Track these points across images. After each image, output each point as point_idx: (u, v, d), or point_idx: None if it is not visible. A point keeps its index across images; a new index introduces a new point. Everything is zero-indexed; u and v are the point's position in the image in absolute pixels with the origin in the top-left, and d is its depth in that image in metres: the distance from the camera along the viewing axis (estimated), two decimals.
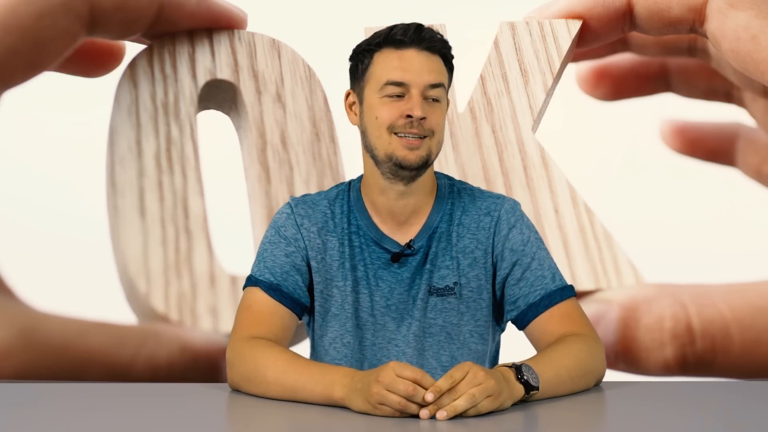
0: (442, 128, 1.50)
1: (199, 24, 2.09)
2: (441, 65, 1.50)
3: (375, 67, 1.49)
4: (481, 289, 1.53)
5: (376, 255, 1.53)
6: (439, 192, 1.56)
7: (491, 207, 1.55)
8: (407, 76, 1.47)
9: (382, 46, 1.49)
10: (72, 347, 1.92)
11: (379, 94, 1.48)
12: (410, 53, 1.48)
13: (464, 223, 1.54)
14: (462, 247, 1.53)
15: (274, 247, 1.53)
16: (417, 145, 1.46)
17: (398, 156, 1.47)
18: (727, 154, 2.58)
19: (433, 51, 1.49)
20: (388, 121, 1.47)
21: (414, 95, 1.47)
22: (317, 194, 1.59)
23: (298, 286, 1.52)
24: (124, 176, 2.02)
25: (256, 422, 1.33)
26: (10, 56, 1.90)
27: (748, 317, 2.01)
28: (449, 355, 1.53)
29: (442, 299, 1.52)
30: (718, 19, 1.96)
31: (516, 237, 1.53)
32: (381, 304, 1.52)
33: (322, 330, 1.55)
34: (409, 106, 1.46)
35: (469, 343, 1.54)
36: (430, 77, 1.47)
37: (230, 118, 2.18)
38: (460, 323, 1.53)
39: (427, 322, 1.53)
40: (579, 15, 2.13)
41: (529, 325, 1.52)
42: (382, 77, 1.48)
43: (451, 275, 1.52)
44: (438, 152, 1.50)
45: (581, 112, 2.74)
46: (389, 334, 1.53)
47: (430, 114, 1.47)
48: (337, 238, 1.53)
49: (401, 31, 1.49)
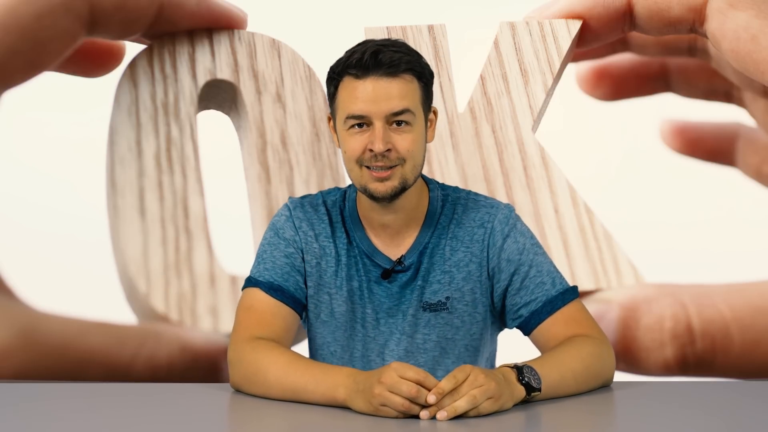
0: (417, 151, 1.44)
1: (199, 24, 2.09)
2: (406, 86, 1.43)
3: (339, 98, 1.45)
4: (476, 303, 1.52)
5: (368, 269, 1.52)
6: (431, 206, 1.53)
7: (484, 218, 1.52)
8: (367, 107, 1.42)
9: (342, 75, 1.44)
10: (72, 347, 1.92)
11: (344, 126, 1.44)
12: (369, 81, 1.42)
13: (458, 236, 1.52)
14: (456, 261, 1.51)
15: (274, 249, 1.53)
16: (387, 176, 1.43)
17: (370, 188, 1.44)
18: (727, 154, 2.58)
19: (396, 74, 1.42)
20: (354, 155, 1.44)
21: (377, 127, 1.42)
22: (316, 196, 1.57)
23: (299, 286, 1.51)
24: (124, 176, 2.02)
25: (256, 422, 1.33)
26: (10, 56, 1.90)
27: (748, 317, 2.01)
28: (444, 370, 1.52)
29: (435, 314, 1.50)
30: (718, 19, 1.96)
31: (511, 247, 1.51)
32: (371, 317, 1.52)
33: (312, 334, 1.56)
34: (372, 140, 1.42)
35: (464, 357, 1.53)
36: (391, 105, 1.42)
37: (230, 118, 2.18)
38: (455, 338, 1.52)
39: (421, 338, 1.51)
40: (579, 15, 2.12)
41: (534, 332, 1.50)
42: (345, 110, 1.44)
43: (443, 290, 1.50)
44: (416, 175, 1.46)
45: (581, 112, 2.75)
46: (378, 347, 1.52)
47: (397, 142, 1.42)
48: (335, 246, 1.52)
49: (356, 60, 1.42)
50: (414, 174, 1.45)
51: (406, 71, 1.43)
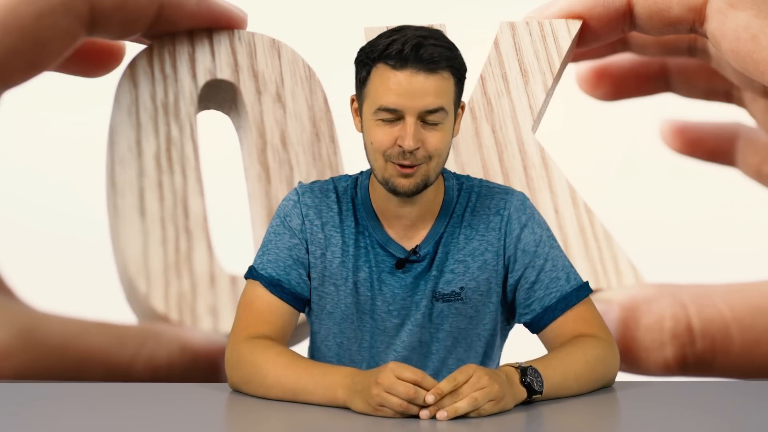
0: (445, 149, 1.42)
1: (199, 24, 2.09)
2: (443, 84, 1.40)
3: (371, 85, 1.41)
4: (490, 293, 1.50)
5: (381, 259, 1.50)
6: (446, 195, 1.51)
7: (499, 204, 1.50)
8: (401, 101, 1.38)
9: (377, 61, 1.40)
10: (72, 347, 1.92)
11: (374, 116, 1.40)
12: (406, 75, 1.38)
13: (473, 225, 1.50)
14: (471, 250, 1.50)
15: (278, 239, 1.51)
16: (412, 173, 1.40)
17: (393, 182, 1.42)
18: (727, 154, 2.58)
19: (435, 70, 1.39)
20: (381, 147, 1.40)
21: (408, 123, 1.38)
22: (327, 182, 1.54)
23: (301, 279, 1.50)
24: (124, 176, 2.02)
25: (256, 423, 1.33)
26: (10, 56, 1.90)
27: (748, 317, 2.01)
28: (456, 358, 1.52)
29: (448, 305, 1.49)
30: (718, 19, 1.96)
31: (528, 237, 1.49)
32: (383, 308, 1.50)
33: (316, 326, 1.55)
34: (402, 135, 1.39)
35: (476, 347, 1.53)
36: (426, 102, 1.38)
37: (230, 118, 2.18)
38: (468, 327, 1.51)
39: (433, 327, 1.51)
40: (579, 15, 2.12)
41: (545, 329, 1.49)
42: (376, 100, 1.39)
43: (457, 280, 1.49)
44: (438, 172, 1.44)
45: (581, 112, 2.74)
46: (389, 338, 1.51)
47: (427, 139, 1.40)
48: (342, 236, 1.50)
49: (397, 50, 1.38)
50: (437, 171, 1.43)
51: (445, 68, 1.40)
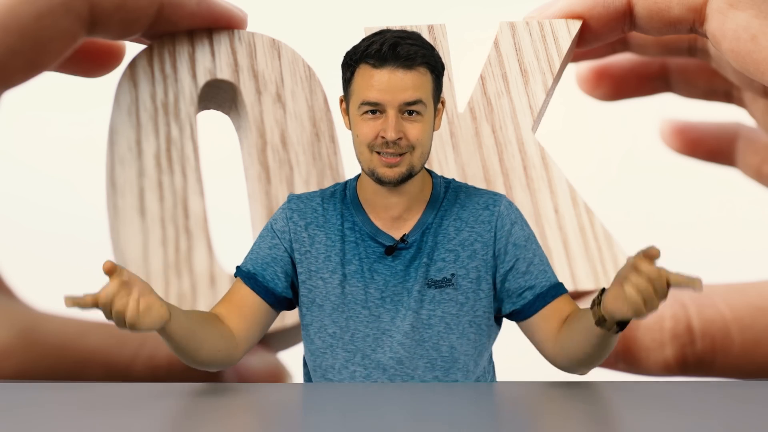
0: (426, 139, 1.52)
1: (199, 24, 2.09)
2: (421, 78, 1.50)
3: (355, 84, 1.52)
4: (480, 281, 1.56)
5: (371, 249, 1.57)
6: (434, 191, 1.60)
7: (489, 202, 1.59)
8: (382, 96, 1.49)
9: (359, 62, 1.51)
10: (72, 347, 1.92)
11: (358, 111, 1.52)
12: (386, 72, 1.49)
13: (462, 218, 1.58)
14: (461, 240, 1.57)
15: (262, 240, 1.61)
16: (396, 162, 1.51)
17: (378, 173, 1.52)
18: (727, 154, 2.58)
19: (412, 66, 1.50)
20: (366, 140, 1.51)
21: (390, 116, 1.49)
22: (315, 192, 1.65)
23: (276, 276, 1.58)
24: (124, 176, 2.02)
25: (256, 423, 1.33)
26: (10, 56, 1.90)
27: (748, 317, 2.01)
28: (449, 345, 1.56)
29: (440, 291, 1.56)
30: (718, 19, 1.96)
31: (518, 233, 1.58)
32: (376, 296, 1.56)
33: (308, 319, 1.60)
34: (384, 128, 1.50)
35: (468, 333, 1.57)
36: (405, 95, 1.49)
37: (230, 118, 2.18)
38: (459, 314, 1.56)
39: (425, 314, 1.56)
40: (579, 15, 2.12)
41: (535, 315, 1.56)
42: (360, 96, 1.51)
43: (448, 267, 1.56)
44: (423, 163, 1.53)
45: (581, 112, 2.75)
46: (384, 325, 1.56)
47: (408, 130, 1.50)
48: (326, 234, 1.59)
49: (375, 50, 1.50)
50: (421, 161, 1.53)
51: (421, 65, 1.51)
